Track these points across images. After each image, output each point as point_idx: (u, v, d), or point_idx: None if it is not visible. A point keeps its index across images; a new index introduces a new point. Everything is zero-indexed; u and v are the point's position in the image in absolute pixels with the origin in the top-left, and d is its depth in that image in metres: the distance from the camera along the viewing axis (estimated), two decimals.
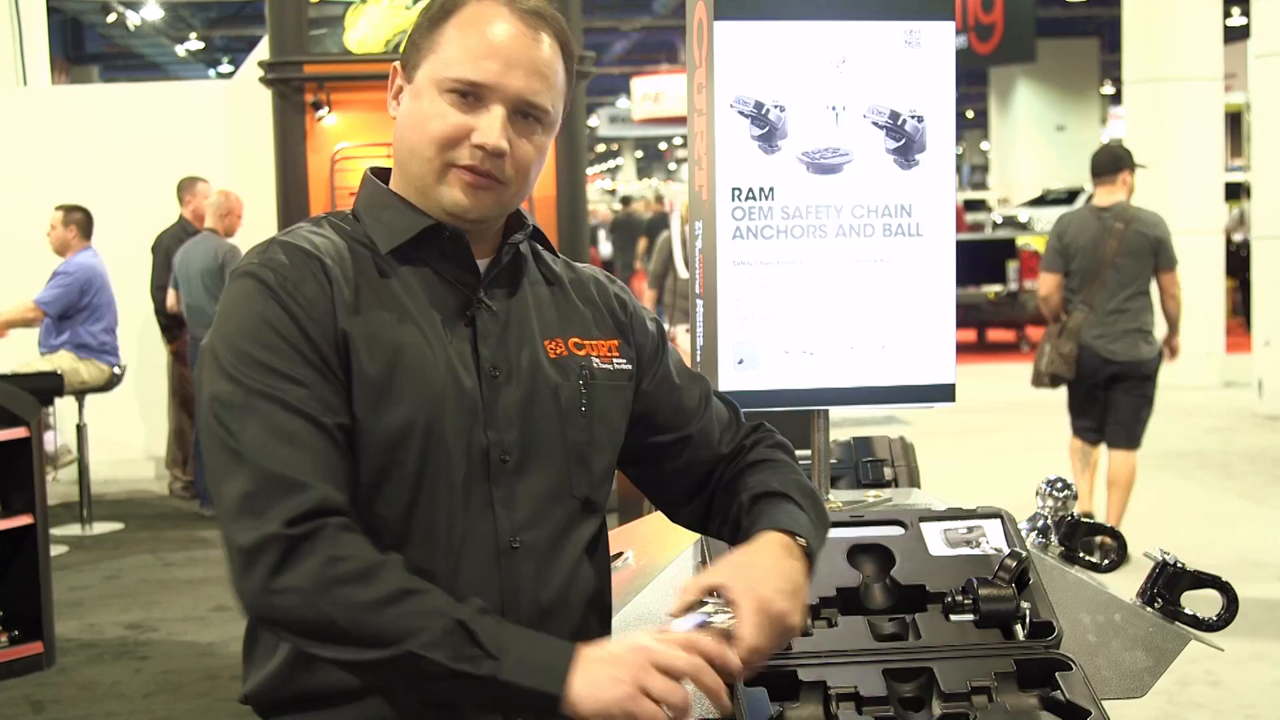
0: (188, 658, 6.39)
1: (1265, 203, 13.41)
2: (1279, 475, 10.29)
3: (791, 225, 2.63)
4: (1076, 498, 2.77)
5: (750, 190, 2.62)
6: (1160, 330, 7.73)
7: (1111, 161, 7.65)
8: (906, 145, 2.66)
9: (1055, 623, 2.30)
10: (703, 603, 1.94)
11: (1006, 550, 2.41)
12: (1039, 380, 7.77)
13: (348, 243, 2.10)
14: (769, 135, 2.61)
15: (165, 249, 9.64)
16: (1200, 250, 14.46)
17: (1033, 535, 2.70)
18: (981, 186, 40.04)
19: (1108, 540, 2.74)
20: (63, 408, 9.16)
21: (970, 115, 47.24)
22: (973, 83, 37.45)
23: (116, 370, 9.13)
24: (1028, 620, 2.31)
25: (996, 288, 17.80)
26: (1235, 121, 21.60)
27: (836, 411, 2.79)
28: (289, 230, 2.13)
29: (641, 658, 1.84)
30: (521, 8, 2.12)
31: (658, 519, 2.69)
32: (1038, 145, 33.19)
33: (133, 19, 29.89)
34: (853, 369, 2.67)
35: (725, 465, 2.28)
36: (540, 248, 2.26)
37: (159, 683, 6.25)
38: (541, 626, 2.03)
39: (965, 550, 2.44)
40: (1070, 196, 28.25)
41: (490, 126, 2.06)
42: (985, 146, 45.03)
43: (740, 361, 2.64)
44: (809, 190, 2.64)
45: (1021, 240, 18.23)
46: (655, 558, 2.52)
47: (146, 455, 10.68)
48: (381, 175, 2.20)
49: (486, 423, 2.07)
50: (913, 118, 2.65)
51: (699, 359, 2.74)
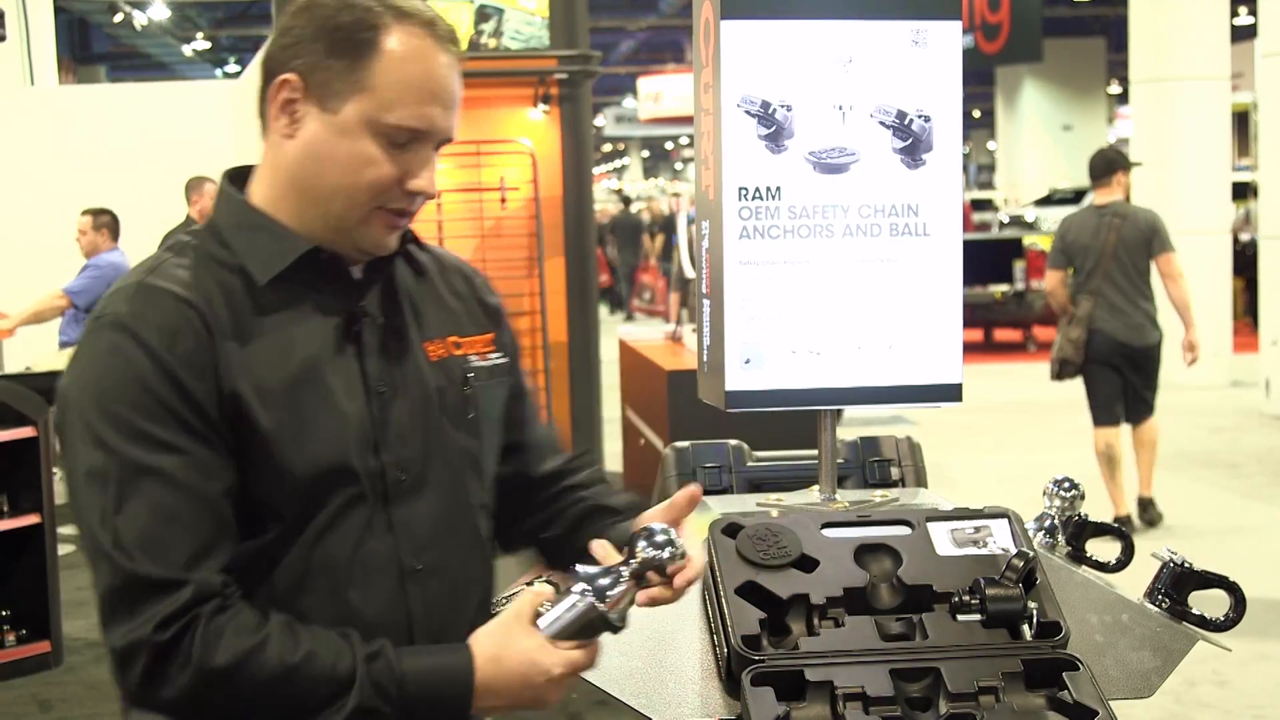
0: None
1: (1272, 202, 13.39)
2: None
3: (798, 225, 2.63)
4: (1083, 497, 2.76)
5: (757, 190, 2.62)
6: (1165, 320, 8.22)
7: (1106, 165, 8.31)
8: (913, 145, 2.66)
9: (1062, 623, 2.30)
10: (649, 533, 1.98)
11: (1013, 550, 2.40)
12: (1053, 370, 8.44)
13: (218, 274, 1.94)
14: (776, 135, 2.61)
15: None
16: (1207, 250, 14.44)
17: (1040, 535, 2.70)
18: (988, 186, 40.00)
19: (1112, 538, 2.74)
20: None
21: (977, 115, 47.23)
22: (979, 82, 37.44)
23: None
24: (1035, 620, 2.31)
25: (1003, 287, 17.78)
26: (1242, 121, 21.56)
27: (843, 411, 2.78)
28: (154, 267, 1.95)
29: (532, 676, 1.90)
30: (443, 33, 1.97)
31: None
32: (1044, 145, 33.17)
33: (140, 19, 29.92)
34: (859, 369, 2.67)
35: (553, 480, 2.28)
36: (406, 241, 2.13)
37: None
38: (440, 638, 1.99)
39: (972, 550, 2.44)
40: (1077, 196, 28.21)
41: (426, 174, 1.97)
42: (992, 146, 44.99)
43: (747, 361, 2.64)
44: (816, 190, 2.63)
45: (1028, 240, 18.22)
46: None
47: None
48: (239, 179, 2.07)
49: (379, 444, 1.98)
50: (919, 117, 2.65)
51: (706, 359, 2.74)
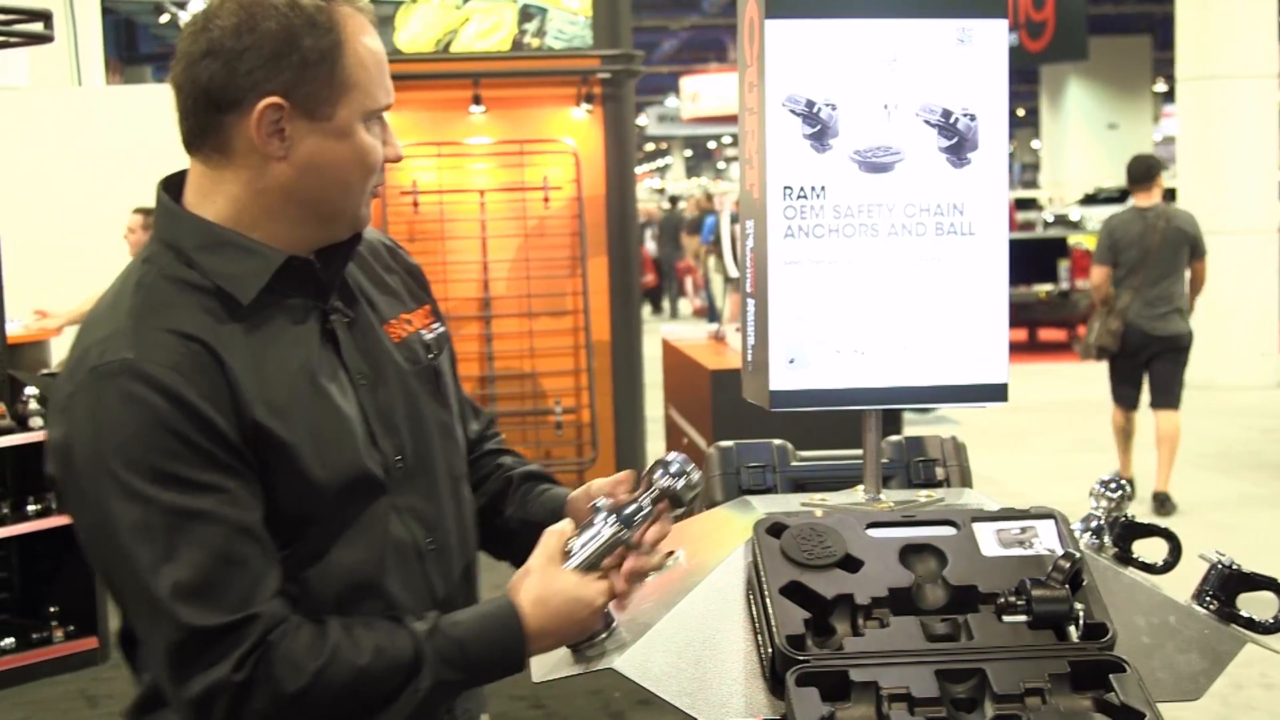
0: None
1: None
2: None
3: (843, 224, 2.62)
4: (1131, 498, 2.74)
5: (802, 189, 2.61)
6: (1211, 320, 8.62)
7: (1146, 170, 9.09)
8: (959, 144, 2.64)
9: (1109, 624, 2.28)
10: (665, 463, 2.11)
11: (1060, 551, 2.39)
12: (1088, 353, 9.26)
13: (197, 299, 1.94)
14: (820, 134, 2.60)
15: None
16: (1253, 249, 14.36)
17: (1086, 536, 2.68)
18: (1033, 185, 39.85)
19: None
20: None
21: (1021, 113, 47.05)
22: (1024, 81, 37.30)
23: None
24: (1081, 622, 2.29)
25: (1048, 287, 17.72)
26: None
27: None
28: (141, 305, 1.93)
29: (576, 611, 2.01)
30: (366, 9, 2.02)
31: (707, 518, 2.69)
32: (1089, 143, 33.03)
33: (185, 19, 30.08)
34: (904, 368, 2.66)
35: (476, 444, 2.35)
36: None
37: None
38: (450, 610, 2.05)
39: (1018, 551, 2.43)
40: (1122, 195, 28.04)
41: (393, 138, 2.04)
42: (1036, 145, 44.81)
43: (791, 361, 2.63)
44: (861, 189, 2.62)
45: (1073, 239, 18.12)
46: (706, 558, 2.51)
47: None
48: (174, 189, 2.08)
49: (375, 436, 2.02)
50: (965, 116, 2.64)
51: (750, 358, 2.74)
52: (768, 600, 2.29)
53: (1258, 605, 2.52)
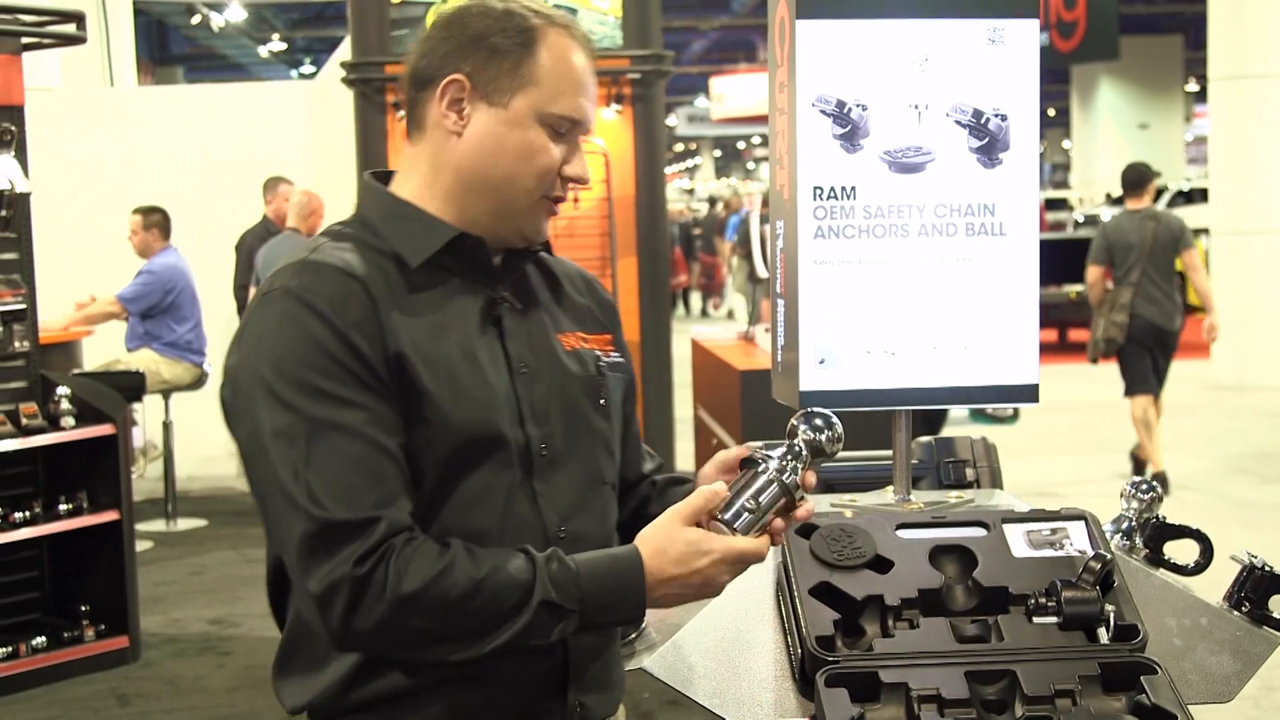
0: (269, 653, 6.42)
1: None
2: None
3: (873, 224, 2.62)
4: (1162, 499, 2.73)
5: (832, 189, 2.61)
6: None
7: (1140, 177, 10.01)
8: (989, 144, 2.64)
9: (1140, 626, 2.27)
10: (806, 416, 2.14)
11: (1090, 552, 2.38)
12: (1096, 350, 9.89)
13: (371, 257, 2.09)
14: (851, 134, 2.60)
15: (248, 248, 9.74)
16: None
17: (1117, 537, 2.67)
18: (1063, 185, 39.73)
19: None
20: (150, 404, 9.27)
21: (1052, 113, 46.89)
22: (1054, 80, 37.16)
23: (206, 368, 9.22)
24: (1112, 623, 2.28)
25: (1078, 287, 17.60)
26: None
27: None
28: (313, 248, 2.10)
29: (694, 557, 2.00)
30: (580, 36, 2.18)
31: None
32: (1120, 143, 32.88)
33: (216, 20, 30.22)
34: (935, 369, 2.66)
35: (643, 481, 2.43)
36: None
37: (242, 678, 6.32)
38: None
39: (1048, 552, 2.42)
40: (1154, 196, 27.96)
41: (580, 160, 2.16)
42: (1067, 145, 44.68)
43: (821, 361, 2.63)
44: (891, 189, 2.62)
45: None
46: None
47: (229, 452, 10.75)
48: (382, 180, 2.22)
49: (523, 419, 2.11)
50: (996, 116, 2.63)
51: (780, 359, 2.74)
52: (797, 601, 2.29)
53: None
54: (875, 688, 2.19)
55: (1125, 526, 2.70)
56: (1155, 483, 2.77)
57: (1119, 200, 28.21)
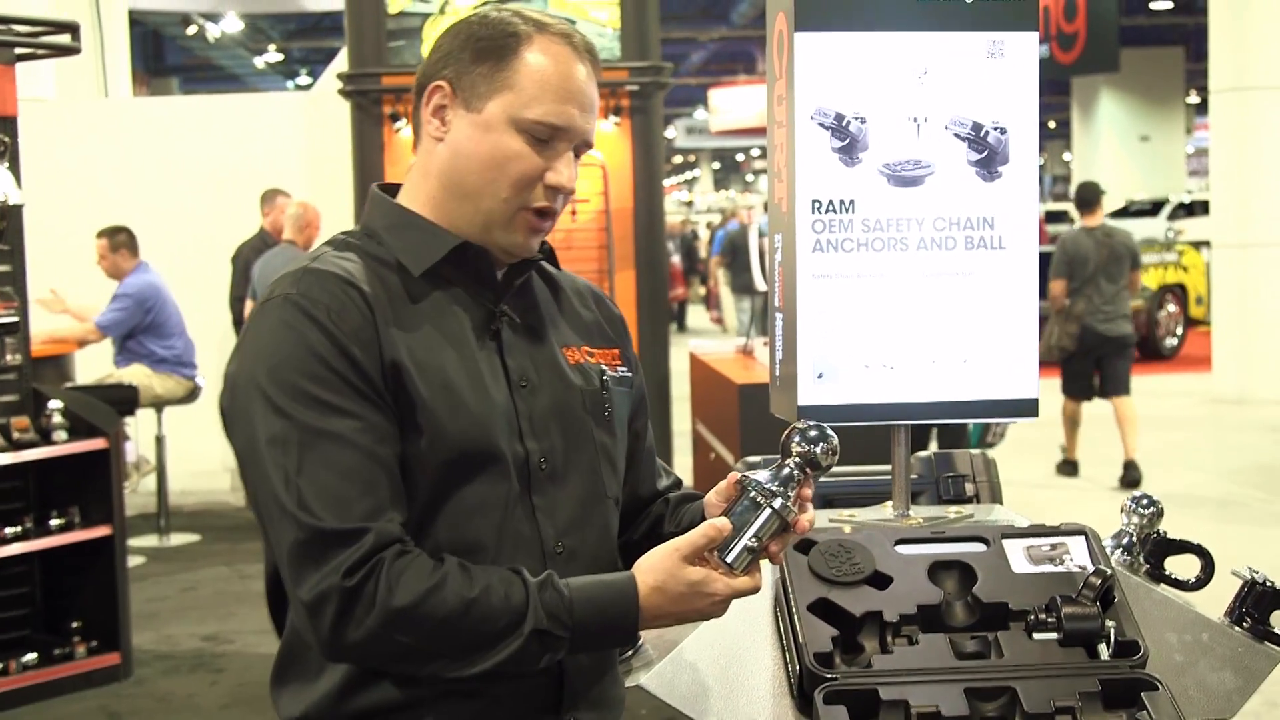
0: (263, 670, 6.42)
1: None
2: None
3: (872, 238, 2.63)
4: (1163, 514, 2.73)
5: (830, 203, 2.61)
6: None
7: (1094, 196, 10.85)
8: (989, 157, 2.64)
9: (1141, 642, 2.27)
10: (799, 430, 2.09)
11: (1091, 568, 2.39)
12: (1049, 355, 10.42)
13: (373, 266, 2.11)
14: (849, 147, 2.61)
15: (245, 260, 9.73)
16: None
17: (1118, 552, 2.67)
18: (1064, 198, 39.70)
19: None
20: (143, 418, 9.26)
21: (1052, 125, 46.92)
22: (1055, 92, 37.17)
23: (199, 381, 9.21)
24: (1113, 639, 2.29)
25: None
26: None
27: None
28: (315, 256, 2.12)
29: (694, 598, 2.01)
30: (579, 44, 2.15)
31: None
32: (1121, 156, 32.87)
33: (212, 31, 30.24)
34: (934, 383, 2.66)
35: (655, 498, 2.42)
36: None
37: (234, 695, 6.31)
38: None
39: (1049, 568, 2.42)
40: (1155, 208, 27.95)
41: (566, 170, 2.12)
42: (1067, 157, 44.69)
43: (820, 375, 2.63)
44: (890, 203, 2.63)
45: None
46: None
47: (223, 467, 10.77)
48: (389, 192, 2.22)
49: (523, 433, 2.11)
50: (995, 129, 2.64)
51: (778, 373, 2.74)
52: (795, 617, 2.29)
53: None
54: (874, 705, 2.19)
55: (1126, 541, 2.70)
56: (1156, 500, 2.76)
57: (1120, 213, 28.28)
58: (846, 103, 2.60)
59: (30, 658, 6.28)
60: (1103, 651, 2.29)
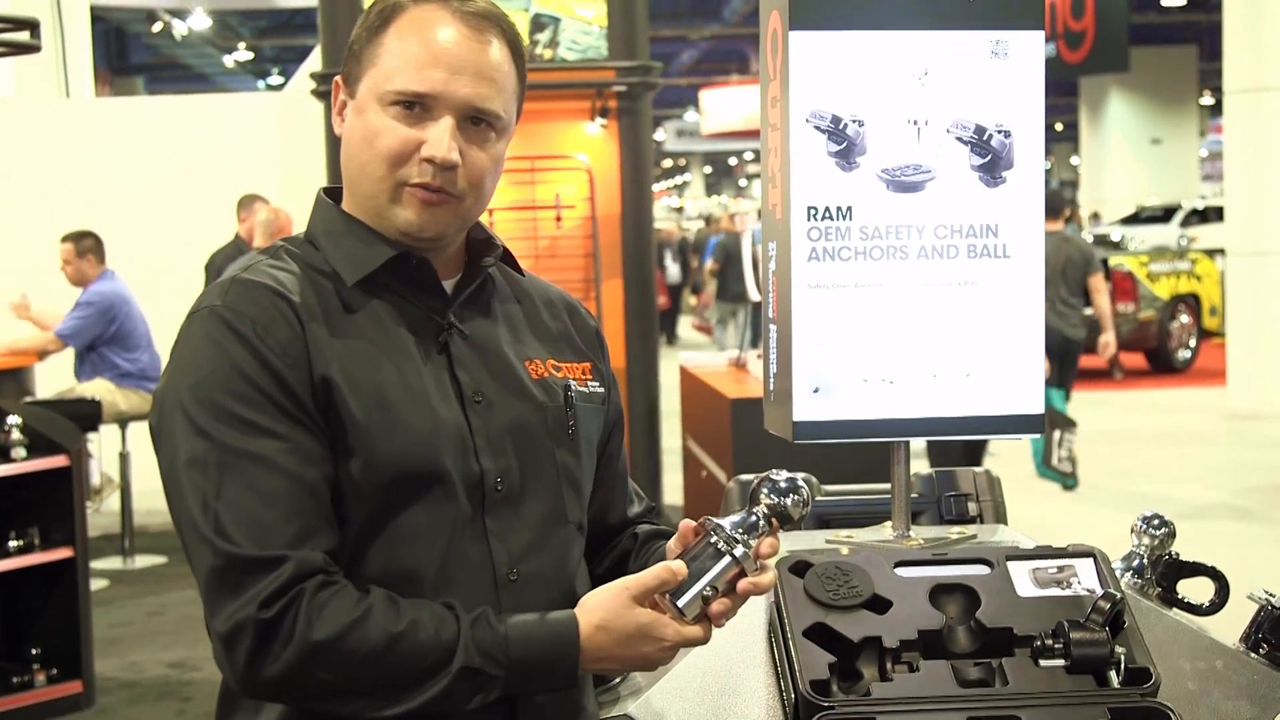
0: None
1: None
2: None
3: (870, 246, 2.63)
4: (1174, 535, 2.74)
5: (827, 209, 2.61)
6: None
7: (1059, 202, 11.83)
8: (992, 162, 2.65)
9: (1152, 669, 2.28)
10: (771, 481, 2.09)
11: (1100, 591, 2.39)
12: None
13: (310, 275, 2.08)
14: (847, 151, 2.61)
15: (218, 269, 9.71)
16: None
17: (1128, 575, 2.68)
18: (1071, 203, 39.80)
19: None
20: (106, 434, 9.24)
21: (1059, 128, 47.04)
22: (1062, 93, 37.28)
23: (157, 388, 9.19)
24: (1123, 666, 2.29)
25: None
26: None
27: (917, 443, 2.77)
28: (248, 265, 2.10)
29: (640, 641, 1.99)
30: (464, 9, 2.09)
31: None
32: (1131, 159, 32.99)
33: (179, 28, 30.23)
34: (935, 398, 2.66)
35: (626, 526, 2.40)
36: (507, 266, 2.30)
37: None
38: None
39: (1055, 591, 2.42)
40: (1167, 214, 28.01)
41: (439, 138, 2.05)
42: (1075, 161, 44.80)
43: (816, 390, 2.64)
44: (889, 209, 2.63)
45: (1114, 260, 18.04)
46: None
47: None
48: (334, 195, 2.20)
49: (478, 450, 2.08)
50: (999, 133, 2.64)
51: (772, 387, 2.74)
52: (790, 643, 2.29)
53: None
54: None
55: (1136, 564, 2.70)
56: (1168, 520, 2.77)
57: (1131, 219, 28.34)
58: (843, 105, 2.61)
59: None
60: (1112, 679, 2.29)
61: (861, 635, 2.33)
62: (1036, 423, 2.71)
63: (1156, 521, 2.74)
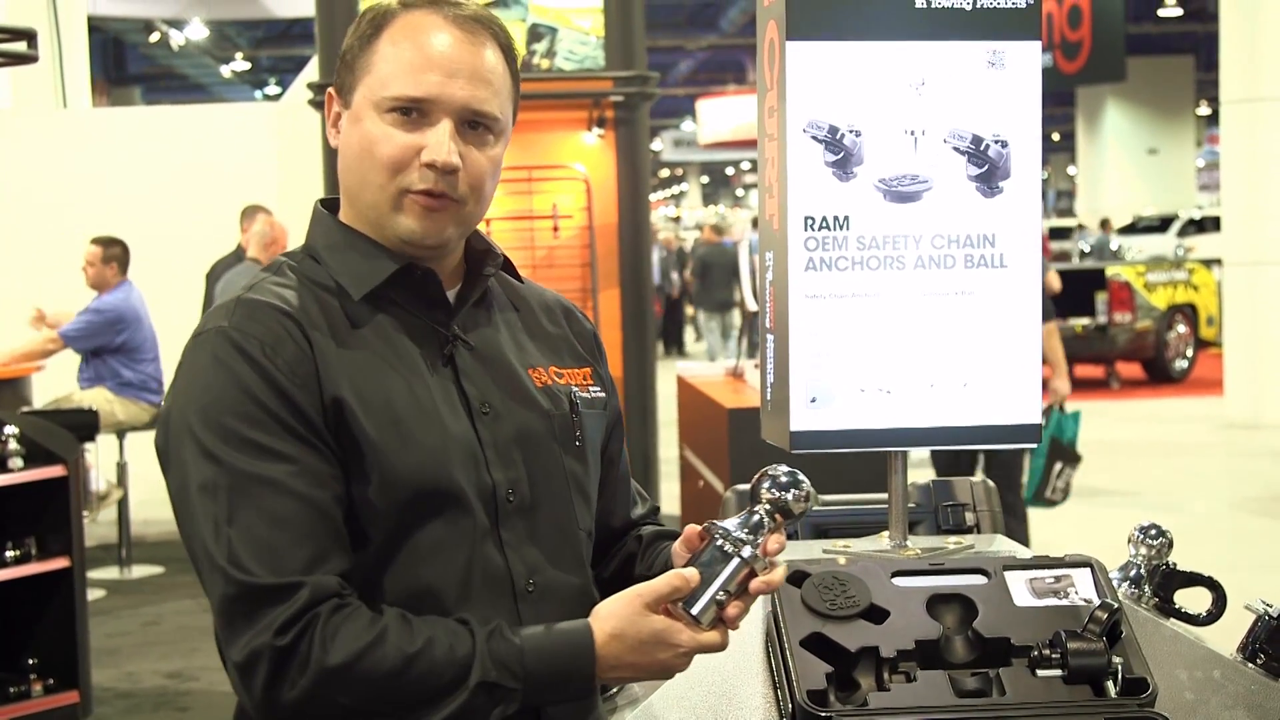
0: (229, 709, 6.40)
1: None
2: None
3: (867, 256, 2.63)
4: (1172, 545, 2.74)
5: (824, 219, 2.61)
6: None
7: None
8: (989, 172, 2.65)
9: (1150, 679, 2.28)
10: (771, 476, 2.10)
11: (1097, 601, 2.39)
12: None
13: (314, 291, 2.07)
14: (844, 161, 2.61)
15: (218, 278, 9.72)
16: None
17: (1125, 585, 2.68)
18: (1068, 213, 39.83)
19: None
20: (104, 444, 9.23)
21: (1056, 138, 47.10)
22: (1059, 103, 37.31)
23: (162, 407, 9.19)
24: (1120, 676, 2.29)
25: (1084, 321, 17.66)
26: None
27: (914, 453, 2.77)
28: (253, 285, 2.08)
29: (655, 648, 1.98)
30: (457, 13, 2.09)
31: None
32: (1128, 170, 33.03)
33: (176, 38, 30.24)
34: (932, 408, 2.66)
35: (629, 529, 2.41)
36: (505, 273, 2.28)
37: None
38: None
39: (1053, 601, 2.42)
40: (1164, 224, 28.04)
41: (439, 142, 2.04)
42: (1072, 171, 44.85)
43: (813, 400, 2.64)
44: (886, 219, 2.63)
45: (1111, 270, 18.06)
46: None
47: None
48: (332, 206, 2.19)
49: (488, 463, 2.07)
50: (996, 143, 2.65)
51: (769, 397, 2.74)
52: (788, 653, 2.29)
53: None
54: None
55: (1133, 574, 2.70)
56: (1165, 530, 2.77)
57: (1127, 229, 28.35)
58: (841, 115, 2.61)
59: None
60: (1110, 689, 2.28)
61: (859, 645, 2.32)
62: (1033, 432, 2.71)
63: (1154, 531, 2.74)
